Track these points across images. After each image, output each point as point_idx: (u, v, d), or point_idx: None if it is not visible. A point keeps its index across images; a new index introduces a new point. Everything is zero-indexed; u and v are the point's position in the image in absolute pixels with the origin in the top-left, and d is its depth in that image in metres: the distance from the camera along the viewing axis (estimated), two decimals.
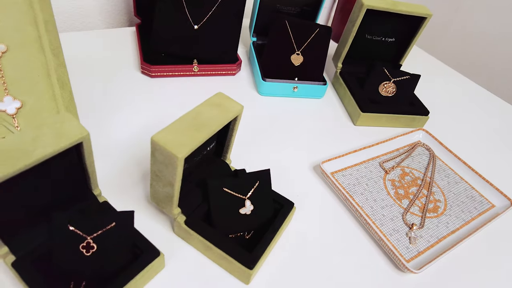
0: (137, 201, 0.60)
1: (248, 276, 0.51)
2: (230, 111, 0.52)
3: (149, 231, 0.53)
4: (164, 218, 0.59)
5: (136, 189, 0.62)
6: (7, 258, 0.46)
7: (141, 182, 0.63)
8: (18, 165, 0.39)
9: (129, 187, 0.62)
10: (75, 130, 0.44)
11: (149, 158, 0.67)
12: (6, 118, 0.56)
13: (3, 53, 0.57)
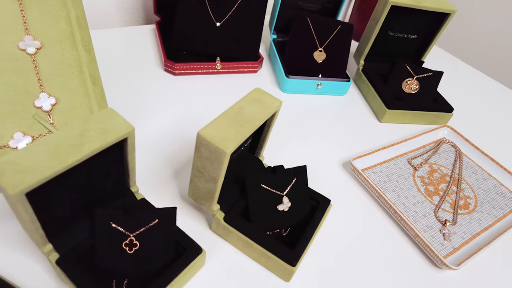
0: (170, 199, 0.60)
1: (290, 274, 0.51)
2: (270, 106, 0.51)
3: (184, 229, 0.52)
4: (199, 215, 0.58)
5: (168, 186, 0.61)
6: (51, 255, 0.45)
7: (173, 180, 0.63)
8: (68, 161, 0.38)
9: (161, 184, 0.61)
10: (121, 125, 0.43)
11: (178, 155, 0.67)
12: (41, 115, 0.55)
13: (38, 50, 0.56)
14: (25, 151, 0.38)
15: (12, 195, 0.35)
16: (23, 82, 0.55)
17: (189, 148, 0.69)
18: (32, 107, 0.55)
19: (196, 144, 0.46)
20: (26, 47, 0.55)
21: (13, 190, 0.35)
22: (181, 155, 0.67)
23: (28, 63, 0.55)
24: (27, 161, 0.37)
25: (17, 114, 0.54)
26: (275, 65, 0.94)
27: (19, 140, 0.53)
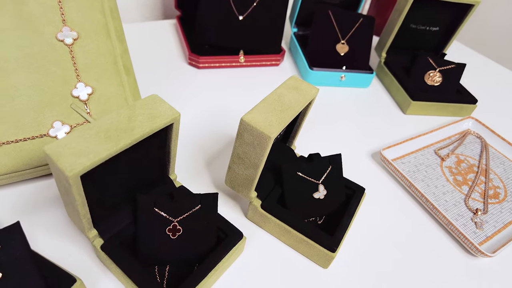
0: (204, 187, 0.60)
1: (329, 260, 0.51)
2: (307, 94, 0.51)
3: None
4: (233, 204, 0.59)
5: (201, 175, 0.62)
6: (96, 241, 0.46)
7: (206, 169, 0.63)
8: (120, 143, 0.39)
9: (194, 174, 0.62)
10: (167, 111, 0.44)
11: (208, 145, 0.67)
12: (78, 105, 0.56)
13: (75, 40, 0.57)
14: (77, 135, 0.38)
15: (69, 176, 0.35)
16: (61, 72, 0.55)
17: (219, 139, 0.69)
18: (69, 96, 0.55)
19: (238, 130, 0.46)
20: (64, 38, 0.56)
21: (70, 172, 0.35)
22: (212, 146, 0.68)
23: (66, 54, 0.56)
24: (81, 145, 0.37)
25: (56, 104, 0.54)
26: (296, 58, 0.95)
27: (58, 129, 0.54)
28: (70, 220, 0.52)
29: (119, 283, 0.47)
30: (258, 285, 0.49)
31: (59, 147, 0.37)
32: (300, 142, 0.71)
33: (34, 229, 0.50)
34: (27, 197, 0.54)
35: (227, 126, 0.72)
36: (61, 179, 0.38)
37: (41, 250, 0.48)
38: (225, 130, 0.72)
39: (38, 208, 0.53)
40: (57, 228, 0.51)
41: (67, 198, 0.41)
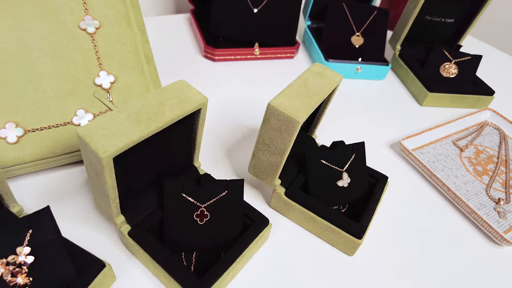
0: (226, 176, 0.60)
1: (356, 247, 0.50)
2: (332, 80, 0.51)
3: None
4: (255, 192, 0.58)
5: (222, 164, 0.62)
6: (123, 227, 0.45)
7: (226, 158, 0.63)
8: (152, 126, 0.39)
9: (215, 163, 0.62)
10: (195, 96, 0.44)
11: (227, 136, 0.67)
12: (101, 93, 0.56)
13: (97, 29, 0.57)
14: (108, 117, 0.38)
15: (102, 158, 0.35)
16: (84, 60, 0.55)
17: (237, 129, 0.69)
18: (92, 85, 0.55)
19: (265, 116, 0.46)
20: (86, 27, 0.56)
21: (104, 153, 0.35)
22: (230, 136, 0.67)
23: (88, 42, 0.56)
24: (113, 127, 0.37)
25: (79, 92, 0.54)
26: (311, 51, 0.94)
27: (82, 117, 0.54)
28: (94, 207, 0.52)
29: (145, 270, 0.47)
30: (283, 272, 0.49)
31: (92, 129, 0.37)
32: (318, 132, 0.71)
33: (59, 216, 0.50)
34: (51, 185, 0.54)
35: (244, 117, 0.72)
36: (92, 162, 0.38)
37: (66, 237, 0.48)
38: (243, 120, 0.71)
39: (62, 196, 0.53)
40: (81, 216, 0.51)
41: (97, 183, 0.40)
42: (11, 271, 0.38)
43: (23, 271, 0.39)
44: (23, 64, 0.52)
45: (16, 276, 0.38)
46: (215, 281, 0.42)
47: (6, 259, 0.38)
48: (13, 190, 0.51)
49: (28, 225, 0.40)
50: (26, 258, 0.39)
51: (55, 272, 0.40)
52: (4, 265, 0.38)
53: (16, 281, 0.38)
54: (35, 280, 0.39)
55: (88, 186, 0.54)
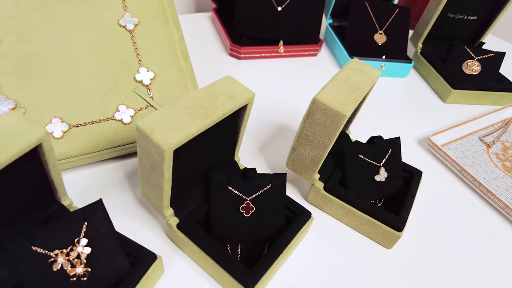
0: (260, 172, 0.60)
1: (395, 240, 0.51)
2: (372, 75, 0.52)
3: None
4: (292, 187, 0.59)
5: (257, 160, 0.63)
6: (171, 219, 0.46)
7: (260, 154, 0.64)
8: (208, 120, 0.40)
9: (249, 158, 0.62)
10: (243, 91, 0.44)
11: (258, 132, 0.68)
12: (141, 89, 0.56)
13: (136, 26, 0.57)
14: (165, 112, 0.39)
15: (165, 150, 0.36)
16: (124, 57, 0.56)
17: (267, 126, 0.70)
18: (132, 81, 0.56)
19: (309, 110, 0.47)
20: (125, 24, 0.57)
21: (166, 146, 0.36)
22: (261, 132, 0.68)
23: (128, 39, 0.57)
24: (171, 121, 0.38)
25: (119, 88, 0.55)
26: (334, 48, 0.95)
27: (123, 113, 0.54)
28: (136, 201, 0.53)
29: (192, 262, 0.47)
30: (323, 265, 0.50)
31: (151, 123, 0.37)
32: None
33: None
34: (93, 180, 0.55)
35: (272, 114, 0.73)
36: (151, 155, 0.38)
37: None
38: (271, 117, 0.72)
39: (105, 190, 0.54)
40: (124, 209, 0.52)
41: (151, 176, 0.41)
42: (70, 262, 0.39)
43: (82, 262, 0.40)
44: (66, 61, 0.53)
45: (75, 266, 0.39)
46: (265, 272, 0.43)
47: (66, 250, 0.39)
48: None
49: (83, 217, 0.41)
50: (83, 249, 0.40)
51: (110, 263, 0.41)
52: (64, 256, 0.39)
53: (76, 271, 0.39)
54: (92, 271, 0.40)
55: (129, 180, 0.55)
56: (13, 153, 0.34)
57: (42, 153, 0.38)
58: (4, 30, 0.51)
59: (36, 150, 0.38)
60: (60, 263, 0.39)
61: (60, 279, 0.39)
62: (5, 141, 0.34)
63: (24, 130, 0.36)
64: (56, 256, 0.39)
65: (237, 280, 0.42)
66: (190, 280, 0.46)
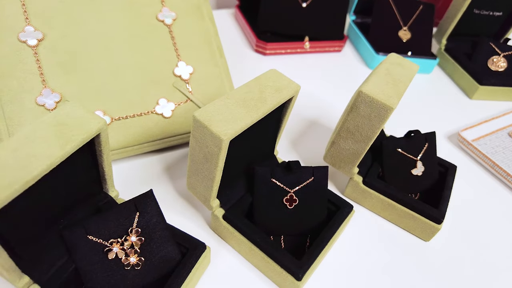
0: None
1: (434, 232, 0.52)
2: (411, 69, 0.52)
3: None
4: None
5: (290, 155, 0.63)
6: (217, 210, 0.47)
7: (293, 149, 0.64)
8: (260, 111, 0.40)
9: (282, 153, 0.63)
10: (290, 84, 0.45)
11: (289, 127, 0.68)
12: (180, 83, 0.57)
13: (174, 21, 0.58)
14: (220, 103, 0.40)
15: (223, 140, 0.37)
16: (163, 51, 0.57)
17: (297, 121, 0.70)
18: (172, 75, 0.57)
19: (354, 103, 0.47)
20: (164, 18, 0.57)
21: (225, 136, 0.37)
22: (292, 127, 0.69)
23: (166, 34, 0.57)
24: (226, 112, 0.39)
25: (159, 82, 0.56)
26: (358, 45, 0.95)
27: (164, 106, 0.55)
28: (176, 194, 0.54)
29: (236, 253, 0.48)
30: (362, 257, 0.50)
31: (208, 114, 0.38)
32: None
33: None
34: (134, 172, 0.55)
35: (301, 109, 0.73)
36: (206, 145, 0.39)
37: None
38: (302, 112, 0.73)
39: (145, 182, 0.54)
40: (165, 202, 0.52)
41: (203, 166, 0.42)
42: (125, 251, 0.40)
43: (135, 251, 0.40)
44: (107, 55, 0.54)
45: (129, 255, 0.40)
46: (312, 262, 0.43)
47: (121, 239, 0.40)
48: None
49: (135, 207, 0.42)
50: (136, 239, 0.40)
51: (162, 253, 0.41)
52: (118, 245, 0.40)
53: (130, 260, 0.40)
54: (145, 260, 0.41)
55: (168, 173, 0.56)
56: (77, 142, 0.34)
57: (99, 143, 0.39)
58: (49, 25, 0.52)
59: (92, 141, 0.39)
60: (115, 252, 0.40)
61: (115, 268, 0.40)
62: (68, 131, 0.35)
63: (85, 120, 0.36)
64: (111, 245, 0.40)
65: (286, 270, 0.42)
66: (235, 270, 0.47)
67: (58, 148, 0.33)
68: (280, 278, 0.44)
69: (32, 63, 0.50)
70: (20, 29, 0.50)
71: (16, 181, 0.30)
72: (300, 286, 0.42)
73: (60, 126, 0.35)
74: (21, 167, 0.31)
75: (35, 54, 0.51)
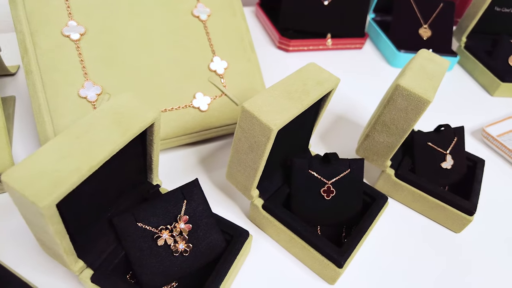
0: None
1: (466, 223, 0.53)
2: (443, 65, 0.53)
3: None
4: None
5: (318, 148, 0.64)
6: (256, 200, 0.48)
7: (320, 143, 0.65)
8: (304, 103, 0.41)
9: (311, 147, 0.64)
10: (330, 77, 0.46)
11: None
12: (215, 78, 0.58)
13: (208, 17, 0.59)
14: (266, 95, 0.41)
15: (273, 130, 0.38)
16: (198, 46, 0.58)
17: (325, 117, 0.71)
18: (207, 70, 0.58)
19: (391, 96, 0.48)
20: (199, 14, 0.59)
21: (274, 125, 0.38)
22: (320, 123, 0.70)
23: (201, 29, 0.59)
24: (273, 103, 0.40)
25: (195, 76, 0.57)
26: (378, 43, 0.96)
27: (201, 100, 0.56)
28: (213, 185, 0.55)
29: (274, 243, 0.49)
30: (394, 247, 0.52)
31: (257, 104, 0.39)
32: None
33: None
34: (171, 164, 0.57)
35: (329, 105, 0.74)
36: (253, 135, 0.40)
37: None
38: (328, 108, 0.74)
39: (182, 174, 0.56)
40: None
41: (247, 156, 0.43)
42: (174, 238, 0.41)
43: (184, 238, 0.41)
44: (144, 50, 0.55)
45: (178, 242, 0.41)
46: (352, 250, 0.44)
47: (170, 226, 0.41)
48: None
49: (182, 195, 0.43)
50: (185, 226, 0.42)
51: (208, 239, 0.43)
52: (168, 232, 0.41)
53: (178, 247, 0.41)
54: (193, 247, 0.42)
55: (203, 165, 0.57)
56: (135, 130, 0.36)
57: (151, 133, 0.40)
58: (91, 20, 0.53)
59: (145, 130, 0.40)
60: (164, 239, 0.41)
61: (164, 254, 0.41)
62: (126, 119, 0.36)
63: (140, 109, 0.38)
64: (161, 232, 0.41)
65: (327, 257, 0.44)
66: (274, 259, 0.48)
67: (119, 135, 0.35)
68: (320, 266, 0.45)
69: (74, 57, 0.52)
70: (64, 24, 0.52)
71: (83, 166, 0.32)
72: (341, 273, 0.44)
73: (117, 115, 0.36)
74: (86, 153, 0.33)
75: (77, 48, 0.52)
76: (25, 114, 0.60)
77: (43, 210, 0.29)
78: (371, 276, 0.48)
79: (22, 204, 0.31)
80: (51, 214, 0.31)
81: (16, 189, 0.29)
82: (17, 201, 0.32)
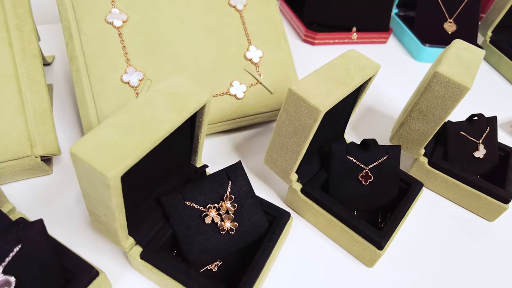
0: None
1: (500, 212, 0.53)
2: (478, 54, 0.54)
3: None
4: None
5: (350, 137, 0.65)
6: (295, 184, 0.49)
7: (351, 132, 0.66)
8: (349, 86, 0.42)
9: None
10: (370, 63, 0.47)
11: None
12: (250, 67, 0.59)
13: (244, 6, 0.61)
14: (311, 78, 0.42)
15: (321, 111, 0.39)
16: (235, 35, 0.59)
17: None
18: (243, 58, 0.59)
19: (429, 83, 0.49)
20: (236, 4, 0.60)
21: (322, 107, 0.39)
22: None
23: (237, 18, 0.60)
24: (318, 86, 0.41)
25: (232, 65, 0.58)
26: (402, 37, 0.97)
27: (237, 88, 0.58)
28: (249, 171, 0.56)
29: (312, 227, 0.50)
30: (427, 234, 0.52)
31: (304, 87, 0.40)
32: None
33: None
34: (207, 150, 0.58)
35: None
36: (299, 118, 0.41)
37: None
38: None
39: (218, 160, 0.57)
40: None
41: (290, 140, 0.44)
42: (220, 216, 0.42)
43: (230, 217, 0.43)
44: (183, 38, 0.56)
45: (224, 221, 0.42)
46: (392, 233, 0.45)
47: (217, 205, 0.43)
48: None
49: (227, 176, 0.44)
50: (230, 205, 0.43)
51: (252, 219, 0.44)
52: (215, 211, 0.42)
53: (225, 225, 0.42)
54: (239, 226, 0.43)
55: (238, 152, 0.59)
56: (191, 109, 0.37)
57: (201, 114, 0.42)
58: (132, 8, 0.55)
59: (196, 112, 0.41)
60: (211, 217, 0.42)
61: (211, 233, 0.42)
62: (181, 99, 0.38)
63: (193, 90, 0.39)
64: (208, 210, 0.42)
65: (367, 239, 0.45)
66: (312, 241, 0.49)
67: (176, 114, 0.36)
68: (360, 248, 0.46)
69: (117, 43, 0.53)
70: (107, 11, 0.53)
71: (145, 141, 0.33)
72: (380, 255, 0.44)
73: (173, 95, 0.38)
74: (147, 129, 0.34)
75: (120, 34, 0.54)
76: (61, 102, 0.62)
77: (110, 181, 0.31)
78: (407, 260, 0.49)
79: (87, 176, 0.33)
80: (116, 185, 0.32)
81: (85, 160, 0.31)
82: (82, 173, 0.33)
